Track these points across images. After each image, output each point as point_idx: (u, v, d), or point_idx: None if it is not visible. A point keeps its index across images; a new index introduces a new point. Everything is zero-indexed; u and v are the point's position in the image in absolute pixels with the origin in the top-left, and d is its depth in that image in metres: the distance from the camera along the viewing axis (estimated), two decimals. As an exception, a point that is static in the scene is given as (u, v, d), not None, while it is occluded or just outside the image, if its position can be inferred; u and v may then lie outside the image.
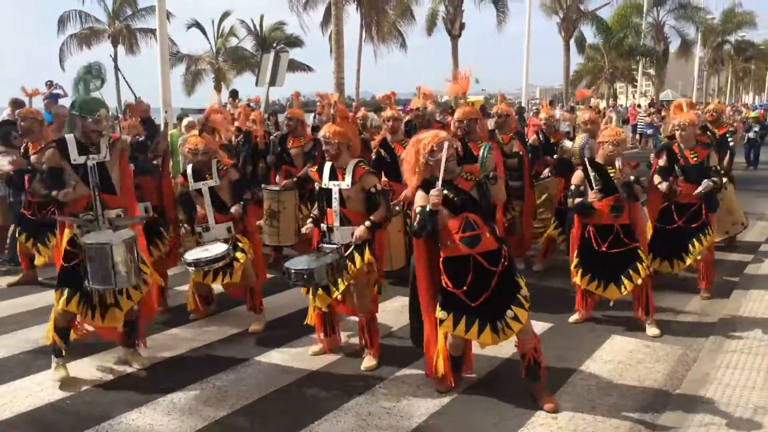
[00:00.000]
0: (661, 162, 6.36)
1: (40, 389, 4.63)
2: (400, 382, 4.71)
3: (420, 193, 4.17)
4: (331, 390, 4.63)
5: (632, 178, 5.36)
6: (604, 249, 5.46)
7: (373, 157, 7.06)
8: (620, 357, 5.10)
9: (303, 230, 5.13)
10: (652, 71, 40.01)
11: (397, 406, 4.35)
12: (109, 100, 4.89)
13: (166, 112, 11.81)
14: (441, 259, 4.26)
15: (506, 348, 4.67)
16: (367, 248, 4.86)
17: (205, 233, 5.79)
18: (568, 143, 7.50)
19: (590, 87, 42.57)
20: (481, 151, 4.38)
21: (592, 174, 5.41)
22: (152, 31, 28.27)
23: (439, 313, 4.24)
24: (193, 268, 5.57)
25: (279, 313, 6.16)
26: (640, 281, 5.42)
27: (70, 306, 4.65)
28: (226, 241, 5.70)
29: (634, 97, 46.79)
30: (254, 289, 5.92)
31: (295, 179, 7.71)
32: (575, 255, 5.67)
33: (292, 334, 5.61)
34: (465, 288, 4.15)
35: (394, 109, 7.33)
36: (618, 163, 5.36)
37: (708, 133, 7.40)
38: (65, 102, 13.42)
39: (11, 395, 4.52)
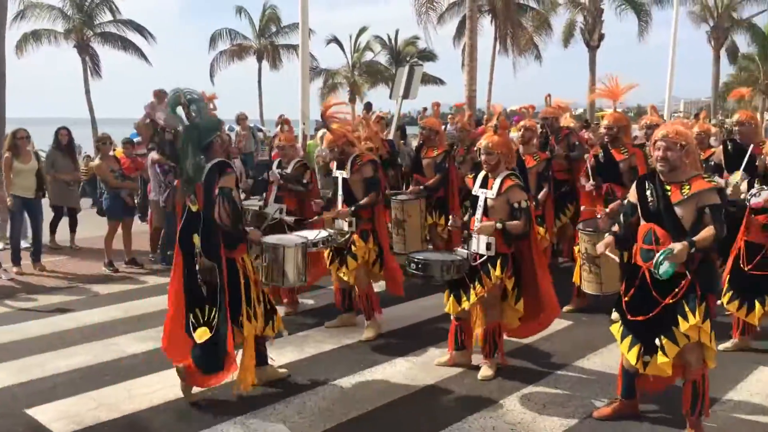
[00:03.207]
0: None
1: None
2: (525, 399, 4.64)
3: None
4: (456, 402, 4.65)
5: None
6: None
7: None
8: (769, 391, 4.73)
9: (449, 226, 5.31)
10: (815, 82, 36.45)
11: (522, 423, 4.30)
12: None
13: (303, 124, 12.34)
14: None
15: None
16: (498, 264, 4.84)
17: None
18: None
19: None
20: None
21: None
22: (294, 47, 29.72)
23: None
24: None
25: (406, 322, 6.26)
26: None
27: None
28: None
29: (793, 110, 42.77)
30: (363, 293, 5.94)
31: (420, 188, 7.72)
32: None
33: (418, 344, 5.68)
34: None
35: (532, 122, 7.30)
36: None
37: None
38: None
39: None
